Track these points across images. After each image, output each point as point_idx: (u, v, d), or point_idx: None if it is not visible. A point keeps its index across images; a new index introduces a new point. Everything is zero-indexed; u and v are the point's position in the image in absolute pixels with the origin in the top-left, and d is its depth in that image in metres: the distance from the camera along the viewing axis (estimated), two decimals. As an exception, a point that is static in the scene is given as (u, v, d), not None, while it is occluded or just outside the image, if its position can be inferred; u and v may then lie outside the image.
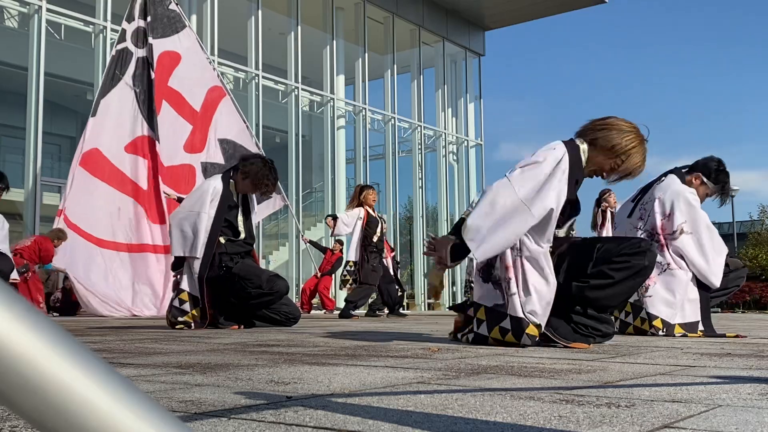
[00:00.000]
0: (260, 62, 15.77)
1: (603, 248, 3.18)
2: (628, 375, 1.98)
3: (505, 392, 1.57)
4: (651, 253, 3.20)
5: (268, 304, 5.10)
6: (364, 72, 18.33)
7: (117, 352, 2.74)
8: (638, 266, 3.15)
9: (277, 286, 5.06)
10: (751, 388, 1.70)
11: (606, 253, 3.16)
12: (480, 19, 21.36)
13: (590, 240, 3.40)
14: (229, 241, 5.04)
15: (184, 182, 9.05)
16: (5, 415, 1.27)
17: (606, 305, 3.26)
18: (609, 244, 3.24)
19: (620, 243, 3.24)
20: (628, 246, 3.18)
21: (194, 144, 9.30)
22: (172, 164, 9.13)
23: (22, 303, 0.35)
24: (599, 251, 3.17)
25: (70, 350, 0.35)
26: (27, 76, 11.87)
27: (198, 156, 9.28)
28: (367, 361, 2.37)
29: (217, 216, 4.96)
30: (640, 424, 1.17)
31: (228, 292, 4.97)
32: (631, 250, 3.16)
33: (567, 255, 3.23)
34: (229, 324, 5.01)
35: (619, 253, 3.15)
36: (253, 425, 1.15)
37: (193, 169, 9.25)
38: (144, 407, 0.36)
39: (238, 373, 1.95)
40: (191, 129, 9.31)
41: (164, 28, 9.44)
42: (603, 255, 3.16)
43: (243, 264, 5.03)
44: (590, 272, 3.15)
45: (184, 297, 4.92)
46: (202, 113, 9.39)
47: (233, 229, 5.08)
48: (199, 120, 9.37)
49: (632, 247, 3.18)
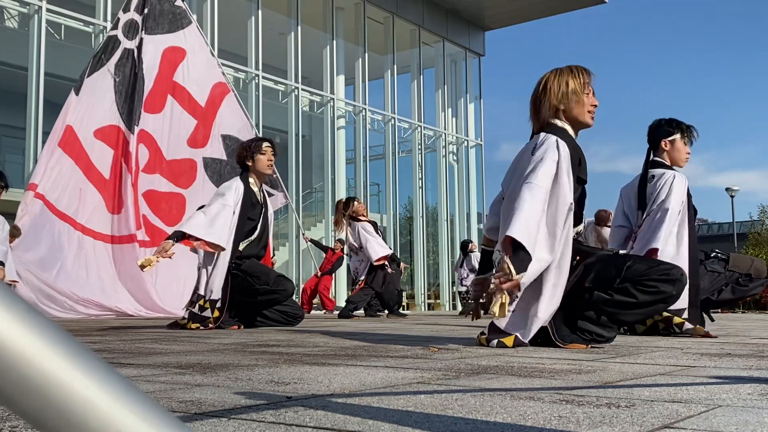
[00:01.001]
0: (260, 62, 15.77)
1: (633, 267, 3.16)
2: (628, 375, 1.98)
3: (505, 392, 1.57)
4: (680, 283, 3.17)
5: (273, 303, 5.11)
6: (364, 72, 18.34)
7: (117, 352, 2.74)
8: (665, 294, 3.14)
9: (283, 285, 5.08)
10: (751, 388, 1.70)
11: (635, 272, 3.14)
12: (480, 19, 21.37)
13: (621, 255, 3.40)
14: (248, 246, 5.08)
15: (185, 176, 9.12)
16: (5, 415, 1.27)
17: (621, 321, 3.27)
18: (639, 264, 3.20)
19: (651, 265, 3.21)
20: (658, 271, 3.16)
21: (197, 139, 9.34)
22: (174, 158, 9.18)
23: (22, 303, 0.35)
24: (628, 269, 3.15)
25: (70, 350, 0.35)
26: (27, 76, 11.88)
27: (200, 151, 9.33)
28: (367, 361, 2.37)
29: (242, 214, 4.99)
30: (640, 425, 1.18)
31: (235, 289, 4.98)
32: (660, 276, 3.13)
33: (594, 266, 3.21)
34: (230, 324, 5.02)
35: (648, 277, 3.13)
36: (253, 425, 1.15)
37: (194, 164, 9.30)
38: (144, 407, 0.36)
39: (238, 373, 1.95)
40: (195, 124, 9.35)
41: (170, 24, 9.46)
42: (632, 273, 3.14)
43: (251, 262, 5.06)
44: (616, 287, 3.14)
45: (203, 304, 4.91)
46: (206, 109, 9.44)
47: (254, 228, 5.12)
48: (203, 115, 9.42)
49: (663, 273, 3.15)
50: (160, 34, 9.38)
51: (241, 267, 4.98)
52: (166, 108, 9.21)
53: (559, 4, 20.33)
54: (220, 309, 4.91)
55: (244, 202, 5.04)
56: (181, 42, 9.47)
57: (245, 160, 5.19)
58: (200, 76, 9.50)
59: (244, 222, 5.04)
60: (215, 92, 9.56)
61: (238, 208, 4.99)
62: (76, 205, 8.51)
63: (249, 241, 5.11)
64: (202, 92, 9.46)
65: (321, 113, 17.97)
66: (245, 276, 4.97)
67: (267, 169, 5.21)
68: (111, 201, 8.79)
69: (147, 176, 9.01)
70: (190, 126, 9.33)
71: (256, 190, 5.19)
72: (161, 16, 9.42)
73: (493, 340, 3.04)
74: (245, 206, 5.04)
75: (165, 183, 9.08)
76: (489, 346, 3.04)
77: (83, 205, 8.56)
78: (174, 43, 9.41)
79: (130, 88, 9.11)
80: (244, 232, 5.07)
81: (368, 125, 18.61)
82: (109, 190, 8.81)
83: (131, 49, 9.22)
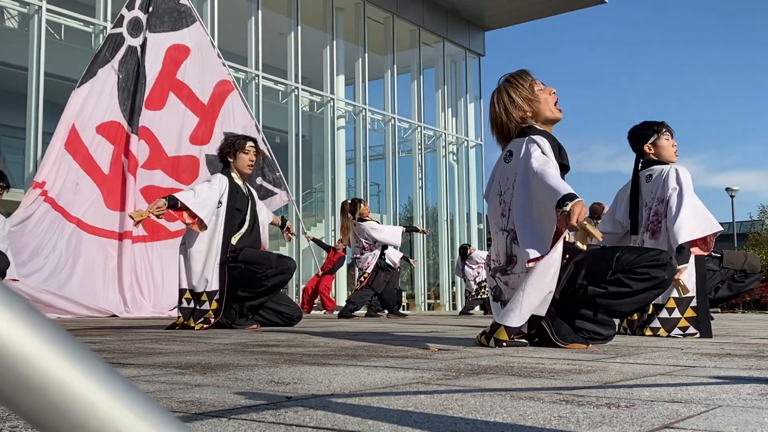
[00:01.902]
0: (260, 62, 15.77)
1: (622, 257, 3.18)
2: (628, 375, 1.98)
3: (505, 392, 1.57)
4: (671, 267, 3.20)
5: (283, 284, 5.11)
6: (364, 72, 18.33)
7: (117, 352, 2.74)
8: (658, 279, 3.16)
9: (287, 264, 5.06)
10: (751, 388, 1.70)
11: (625, 262, 3.16)
12: (480, 20, 21.36)
13: (610, 248, 3.41)
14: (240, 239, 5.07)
15: (187, 173, 9.18)
16: (5, 415, 1.27)
17: (618, 312, 3.28)
18: (628, 254, 3.23)
19: (640, 254, 3.23)
20: (648, 258, 3.18)
21: (199, 136, 9.40)
22: (176, 155, 9.24)
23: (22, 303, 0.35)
24: (618, 260, 3.17)
25: (70, 350, 0.35)
26: (27, 76, 11.87)
27: (203, 148, 9.39)
28: (367, 361, 2.37)
29: (229, 205, 4.99)
30: (640, 425, 1.17)
31: (237, 282, 4.94)
32: (651, 262, 3.15)
33: (585, 262, 3.22)
34: (248, 324, 5.00)
35: (639, 264, 3.15)
36: (253, 425, 1.15)
37: (196, 161, 9.36)
38: (144, 407, 0.36)
39: (238, 373, 1.95)
40: (198, 121, 9.40)
41: (174, 22, 9.51)
42: (622, 264, 3.16)
43: (247, 251, 5.02)
44: (608, 279, 3.15)
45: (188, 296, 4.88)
46: (209, 106, 9.49)
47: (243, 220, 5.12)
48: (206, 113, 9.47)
49: (652, 259, 3.17)
50: (164, 32, 9.42)
51: (238, 258, 4.95)
52: (167, 105, 9.26)
53: (559, 4, 20.32)
54: (219, 301, 4.87)
55: (231, 192, 5.01)
56: (185, 40, 9.52)
57: (227, 156, 5.16)
58: (203, 73, 9.55)
59: (233, 213, 5.00)
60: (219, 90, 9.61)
61: (225, 198, 4.97)
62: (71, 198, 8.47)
63: (240, 234, 5.09)
64: (205, 90, 9.51)
65: (321, 113, 17.97)
66: (246, 265, 4.93)
67: (247, 169, 5.19)
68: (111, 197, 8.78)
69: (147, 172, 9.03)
70: (192, 123, 9.39)
71: (240, 184, 5.17)
72: (166, 14, 9.47)
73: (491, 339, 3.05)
74: (232, 196, 5.01)
75: (166, 179, 9.13)
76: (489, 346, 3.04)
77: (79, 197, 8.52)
78: (178, 41, 9.45)
79: (132, 85, 9.13)
80: (235, 225, 5.05)
81: (368, 125, 18.60)
82: (108, 186, 8.80)
83: (135, 47, 9.25)
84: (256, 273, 4.90)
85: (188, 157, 9.32)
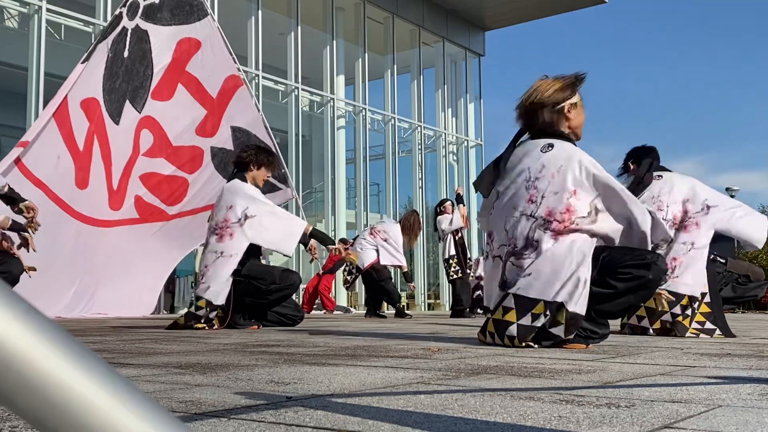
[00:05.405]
0: (260, 62, 15.77)
1: (609, 257, 3.10)
2: (628, 375, 1.98)
3: (505, 392, 1.57)
4: (656, 267, 3.07)
5: (285, 299, 5.12)
6: (364, 72, 18.33)
7: (117, 352, 2.74)
8: (642, 279, 3.05)
9: (291, 279, 5.08)
10: (751, 388, 1.70)
11: (611, 262, 3.09)
12: (480, 20, 21.36)
13: (598, 248, 3.38)
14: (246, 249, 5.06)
15: (190, 163, 9.30)
16: (5, 415, 1.27)
17: (606, 313, 3.20)
18: (615, 254, 3.14)
19: (626, 253, 3.13)
20: (632, 257, 3.09)
21: (206, 128, 9.50)
22: (181, 144, 9.34)
23: (22, 303, 0.35)
24: (603, 260, 3.09)
25: (70, 350, 0.35)
26: (27, 76, 11.87)
27: (209, 140, 9.48)
28: (367, 361, 2.37)
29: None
30: (640, 425, 1.18)
31: (242, 293, 4.95)
32: (635, 262, 3.07)
33: None
34: (248, 325, 5.00)
35: (623, 264, 3.07)
36: (253, 425, 1.15)
37: (201, 152, 9.46)
38: (144, 407, 0.36)
39: (238, 373, 1.95)
40: (205, 114, 9.50)
41: (186, 15, 9.58)
42: (607, 264, 3.08)
43: (251, 265, 5.00)
44: (594, 279, 3.07)
45: (201, 304, 4.85)
46: (217, 100, 9.58)
47: None
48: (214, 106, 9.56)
49: (637, 258, 3.08)
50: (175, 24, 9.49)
51: (241, 272, 4.94)
52: (175, 96, 9.37)
53: (559, 4, 20.32)
54: (225, 309, 4.89)
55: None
56: (196, 33, 9.60)
57: (250, 163, 5.16)
58: (213, 67, 9.63)
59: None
60: (228, 84, 9.70)
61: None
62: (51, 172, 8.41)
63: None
64: (214, 83, 9.59)
65: (321, 113, 17.97)
66: (249, 280, 4.93)
67: (261, 183, 5.31)
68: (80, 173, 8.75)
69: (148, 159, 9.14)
70: (199, 115, 9.49)
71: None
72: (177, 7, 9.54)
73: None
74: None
75: (169, 167, 9.22)
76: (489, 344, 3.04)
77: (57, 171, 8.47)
78: (189, 34, 9.54)
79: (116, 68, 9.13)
80: None
81: (368, 125, 18.60)
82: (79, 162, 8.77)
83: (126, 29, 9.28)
84: (260, 288, 4.92)
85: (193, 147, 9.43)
